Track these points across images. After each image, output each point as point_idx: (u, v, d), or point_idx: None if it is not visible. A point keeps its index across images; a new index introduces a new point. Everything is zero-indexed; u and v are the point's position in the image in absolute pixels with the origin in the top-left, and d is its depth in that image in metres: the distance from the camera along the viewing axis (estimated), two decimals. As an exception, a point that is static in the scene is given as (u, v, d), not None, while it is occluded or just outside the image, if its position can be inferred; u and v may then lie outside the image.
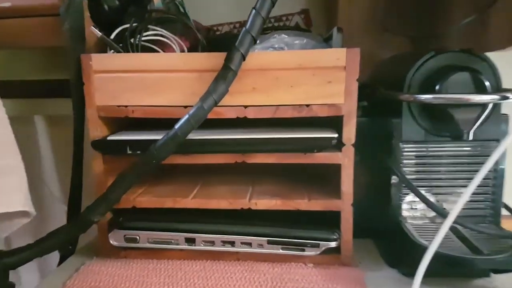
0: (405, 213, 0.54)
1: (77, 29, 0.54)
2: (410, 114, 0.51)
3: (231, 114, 0.53)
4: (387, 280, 0.52)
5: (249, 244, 0.54)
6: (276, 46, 0.53)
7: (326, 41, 0.57)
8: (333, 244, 0.53)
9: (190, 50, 0.60)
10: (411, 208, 0.54)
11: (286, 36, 0.54)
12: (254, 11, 0.49)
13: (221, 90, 0.50)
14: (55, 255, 0.61)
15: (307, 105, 0.52)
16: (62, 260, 0.60)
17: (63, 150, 1.00)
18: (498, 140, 0.50)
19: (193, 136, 0.52)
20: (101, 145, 0.54)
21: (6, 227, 0.50)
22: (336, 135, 0.51)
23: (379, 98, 0.56)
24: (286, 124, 0.56)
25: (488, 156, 0.39)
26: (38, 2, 0.55)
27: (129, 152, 0.53)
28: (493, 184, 0.52)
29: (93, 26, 0.54)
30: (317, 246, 0.53)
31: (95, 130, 0.55)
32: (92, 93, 0.54)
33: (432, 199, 0.53)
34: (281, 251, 0.54)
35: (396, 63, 0.59)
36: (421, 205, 0.54)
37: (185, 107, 0.53)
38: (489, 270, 0.48)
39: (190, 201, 0.56)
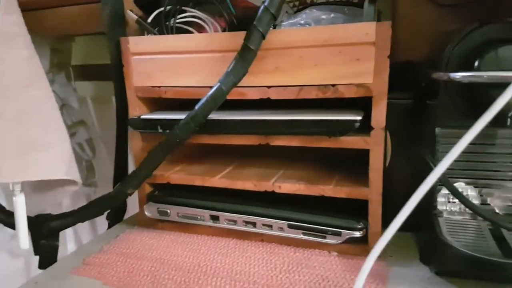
0: (441, 206, 0.48)
1: (117, 14, 0.57)
2: (448, 96, 0.45)
3: (254, 94, 0.53)
4: (413, 277, 0.47)
5: (270, 227, 0.54)
6: (302, 22, 0.50)
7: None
8: (357, 233, 0.50)
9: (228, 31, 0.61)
10: (448, 202, 0.48)
11: (316, 11, 0.51)
12: (273, -14, 0.47)
13: (240, 71, 0.49)
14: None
15: (333, 85, 0.49)
16: (110, 227, 0.67)
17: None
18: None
19: (218, 116, 0.53)
20: (136, 123, 0.57)
21: (61, 193, 0.56)
22: (359, 118, 0.47)
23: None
24: (318, 106, 0.54)
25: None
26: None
27: (160, 130, 0.56)
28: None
29: (129, 10, 0.57)
30: (339, 234, 0.51)
31: (134, 109, 0.59)
32: (130, 75, 0.58)
33: (474, 193, 0.46)
34: (302, 236, 0.53)
35: (443, 38, 0.52)
36: (460, 199, 0.48)
37: (211, 87, 0.54)
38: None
39: (217, 181, 0.57)
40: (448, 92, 0.45)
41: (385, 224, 0.50)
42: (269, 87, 0.52)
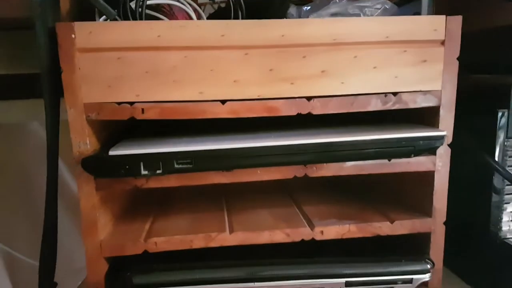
0: (505, 227, 0.43)
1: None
2: (519, 103, 0.40)
3: (289, 110, 0.37)
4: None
5: (321, 290, 0.39)
6: (350, 11, 0.38)
7: (399, 6, 0.42)
8: (427, 277, 0.40)
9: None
10: (510, 221, 0.43)
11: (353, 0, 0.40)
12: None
13: None
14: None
15: (394, 94, 0.38)
16: None
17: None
18: None
19: (236, 145, 0.36)
20: (100, 165, 0.34)
21: None
22: (445, 133, 0.37)
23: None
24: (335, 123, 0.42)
25: None
26: None
27: (143, 172, 0.35)
28: None
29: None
30: (410, 281, 0.40)
31: (83, 141, 0.36)
32: (75, 84, 0.35)
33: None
34: (363, 294, 0.40)
35: (480, 40, 0.47)
36: (522, 216, 0.43)
37: (223, 102, 0.36)
38: None
39: (230, 237, 0.39)
40: (519, 99, 0.40)
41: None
42: (309, 98, 0.37)
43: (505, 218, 0.43)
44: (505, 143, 0.41)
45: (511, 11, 0.43)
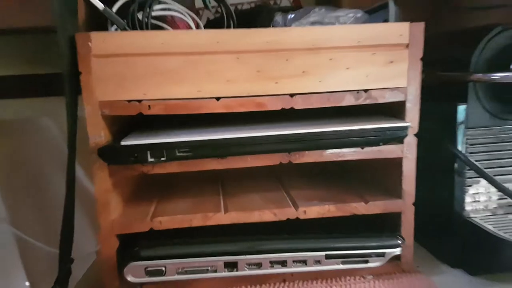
0: (468, 207, 0.49)
1: (69, 2, 0.40)
2: (476, 98, 0.46)
3: (275, 105, 0.43)
4: (461, 284, 0.46)
5: (304, 262, 0.45)
6: (326, 20, 0.44)
7: (370, 14, 0.49)
8: (397, 251, 0.46)
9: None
10: (473, 201, 0.49)
11: (330, 10, 0.46)
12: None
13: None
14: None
15: (365, 91, 0.44)
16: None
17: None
18: None
19: (229, 135, 0.42)
20: (113, 153, 0.40)
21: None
22: (409, 124, 0.43)
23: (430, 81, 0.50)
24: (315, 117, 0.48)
25: None
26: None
27: (150, 159, 0.41)
28: None
29: (90, -5, 0.41)
30: (383, 255, 0.46)
31: (98, 134, 0.42)
32: (92, 85, 0.41)
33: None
34: (341, 265, 0.46)
35: (446, 41, 0.53)
36: (484, 197, 0.49)
37: (218, 98, 0.42)
38: None
39: (224, 216, 0.45)
40: (476, 94, 0.46)
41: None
42: (292, 95, 0.43)
43: (468, 199, 0.48)
44: (465, 133, 0.47)
45: (471, 18, 0.50)
